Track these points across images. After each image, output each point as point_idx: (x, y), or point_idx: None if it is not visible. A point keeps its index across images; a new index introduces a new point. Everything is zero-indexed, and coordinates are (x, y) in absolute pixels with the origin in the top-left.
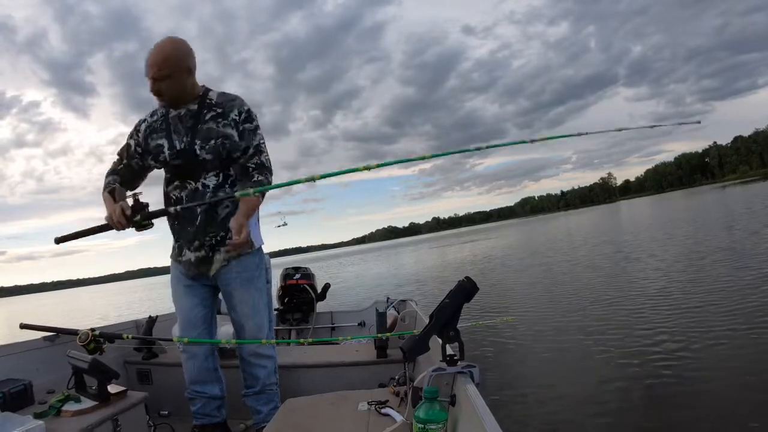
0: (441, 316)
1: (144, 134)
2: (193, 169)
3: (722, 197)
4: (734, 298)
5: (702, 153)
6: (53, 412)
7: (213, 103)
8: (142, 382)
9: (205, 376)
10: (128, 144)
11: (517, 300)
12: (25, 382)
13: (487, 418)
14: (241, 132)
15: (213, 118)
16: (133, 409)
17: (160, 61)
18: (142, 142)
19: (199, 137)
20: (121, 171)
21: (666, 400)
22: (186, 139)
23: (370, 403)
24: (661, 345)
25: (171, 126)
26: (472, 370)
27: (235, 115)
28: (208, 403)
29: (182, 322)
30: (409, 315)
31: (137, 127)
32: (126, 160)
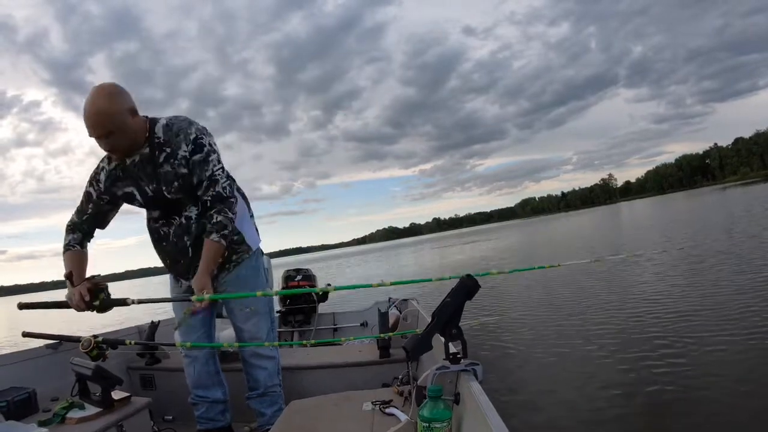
0: (443, 314)
1: (106, 184)
2: (172, 207)
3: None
4: (734, 303)
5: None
6: (58, 420)
7: (162, 142)
8: (145, 387)
9: (207, 380)
10: (88, 193)
11: (520, 299)
12: (29, 390)
13: (492, 415)
14: (192, 167)
15: (166, 159)
16: (138, 415)
17: (100, 121)
18: (105, 191)
19: (162, 182)
20: (85, 225)
21: (665, 399)
22: (152, 185)
23: (374, 403)
24: (661, 345)
25: (132, 174)
26: (476, 368)
27: (184, 151)
28: (211, 408)
29: (182, 328)
30: (411, 314)
31: (96, 176)
32: (91, 209)
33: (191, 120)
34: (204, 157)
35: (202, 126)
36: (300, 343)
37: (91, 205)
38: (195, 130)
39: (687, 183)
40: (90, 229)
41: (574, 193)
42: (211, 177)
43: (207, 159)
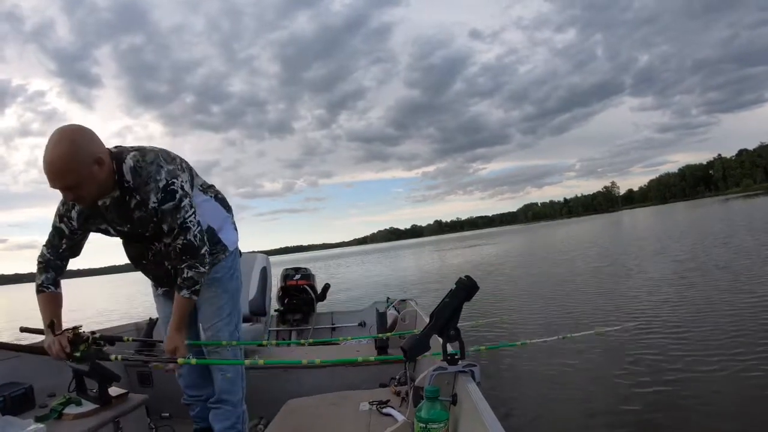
0: (441, 315)
1: (78, 221)
2: (150, 239)
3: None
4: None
5: (706, 165)
6: (54, 416)
7: (131, 188)
8: (143, 384)
9: (199, 380)
10: (59, 229)
11: (519, 300)
12: (26, 386)
13: (489, 416)
14: (162, 216)
15: (137, 206)
16: (134, 412)
17: (61, 173)
18: (78, 226)
19: (137, 224)
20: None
21: (661, 400)
22: (126, 226)
23: (371, 403)
24: (656, 351)
25: (104, 214)
26: (473, 369)
27: (153, 202)
28: (205, 406)
29: (165, 327)
30: (410, 315)
31: (67, 213)
32: (65, 244)
33: (160, 160)
34: (176, 205)
35: (172, 167)
36: (298, 342)
37: (65, 240)
38: (165, 176)
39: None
40: (65, 263)
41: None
42: (182, 225)
43: (179, 206)
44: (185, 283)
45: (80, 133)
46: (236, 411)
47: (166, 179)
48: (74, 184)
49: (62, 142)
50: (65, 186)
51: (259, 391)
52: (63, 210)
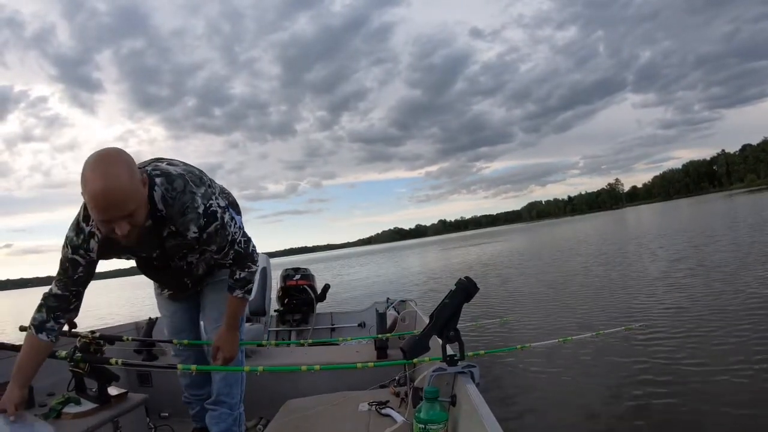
0: (441, 316)
1: (98, 252)
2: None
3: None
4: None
5: (710, 161)
6: (53, 415)
7: (164, 217)
8: (142, 384)
9: (200, 379)
10: (74, 260)
11: (519, 301)
12: None
13: (488, 417)
14: (204, 242)
15: (171, 235)
16: (134, 411)
17: (123, 200)
18: (97, 258)
19: (169, 251)
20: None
21: (660, 402)
22: (156, 252)
23: (370, 404)
24: (659, 352)
25: (131, 246)
26: (473, 370)
27: (194, 231)
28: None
29: (169, 328)
30: (409, 315)
31: (84, 244)
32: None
33: (191, 186)
34: (221, 224)
35: (203, 189)
36: (297, 343)
37: (81, 270)
38: (201, 201)
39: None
40: (78, 300)
41: (580, 197)
42: (231, 240)
43: (223, 224)
44: (238, 284)
45: (126, 154)
46: (233, 413)
47: (203, 204)
48: (134, 211)
49: (117, 165)
50: (124, 215)
51: (259, 392)
52: (79, 241)
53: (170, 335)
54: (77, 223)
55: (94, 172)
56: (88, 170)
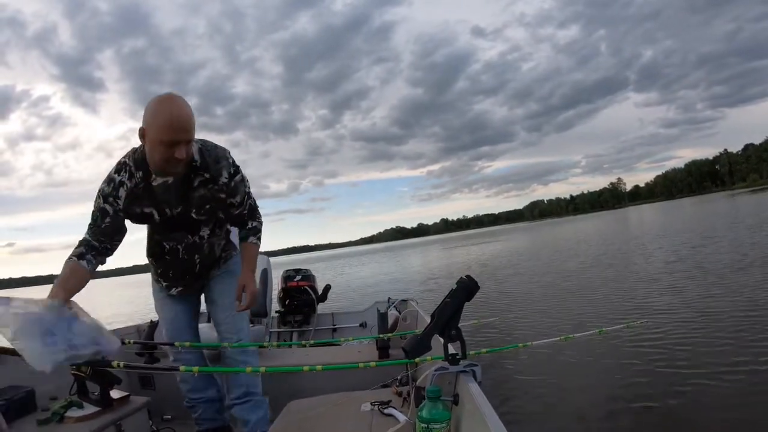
0: (442, 315)
1: (125, 202)
2: (187, 227)
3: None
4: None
5: (712, 160)
6: (56, 419)
7: (199, 167)
8: (144, 387)
9: (200, 383)
10: (104, 209)
11: (520, 299)
12: (28, 389)
13: (491, 416)
14: (231, 190)
15: (202, 183)
16: (136, 414)
17: (190, 126)
18: (123, 207)
19: (192, 205)
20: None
21: (663, 401)
22: (178, 208)
23: (372, 404)
24: (661, 350)
25: (157, 195)
26: (475, 369)
27: (225, 177)
28: (208, 407)
29: (169, 331)
30: (411, 315)
31: (114, 192)
32: (108, 224)
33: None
34: (242, 177)
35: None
36: (299, 344)
37: (108, 218)
38: (231, 156)
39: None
40: (106, 246)
41: (582, 196)
42: (248, 193)
43: (243, 180)
44: (251, 232)
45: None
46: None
47: (231, 159)
48: (191, 140)
49: (183, 101)
50: (188, 139)
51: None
52: (109, 189)
53: (170, 338)
54: (108, 176)
55: (168, 102)
56: (161, 102)
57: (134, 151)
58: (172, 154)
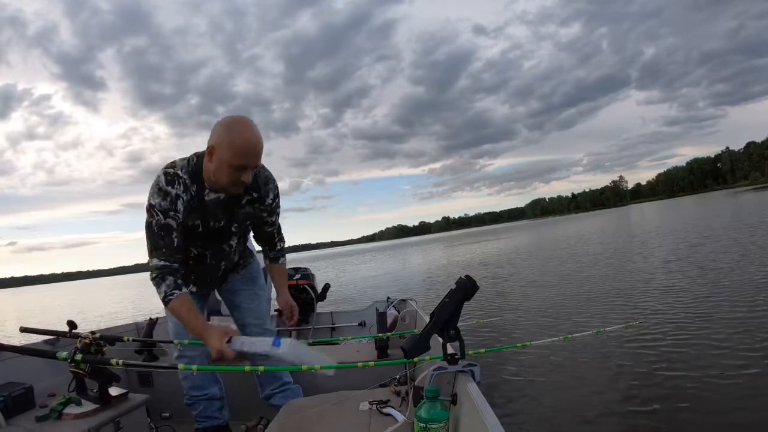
0: (441, 315)
1: (183, 214)
2: (223, 236)
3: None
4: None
5: (714, 158)
6: (54, 416)
7: (250, 186)
8: (143, 384)
9: (203, 380)
10: (168, 225)
11: (520, 299)
12: (26, 386)
13: (489, 416)
14: (272, 210)
15: (250, 202)
16: (135, 412)
17: (260, 152)
18: (181, 219)
19: (236, 220)
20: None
21: (663, 401)
22: (222, 222)
23: (371, 403)
24: (662, 350)
25: (207, 209)
26: (474, 369)
27: (270, 199)
28: (209, 405)
29: (179, 326)
30: (410, 314)
31: (172, 206)
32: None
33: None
34: (279, 202)
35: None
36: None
37: (174, 234)
38: (277, 182)
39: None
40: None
41: (584, 194)
42: (278, 215)
43: (279, 203)
44: (280, 253)
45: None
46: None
47: (276, 182)
48: (258, 165)
49: (256, 127)
50: (257, 165)
51: (259, 393)
52: (167, 204)
53: (178, 336)
54: (160, 189)
55: (245, 127)
56: (237, 126)
57: (187, 163)
58: (239, 177)
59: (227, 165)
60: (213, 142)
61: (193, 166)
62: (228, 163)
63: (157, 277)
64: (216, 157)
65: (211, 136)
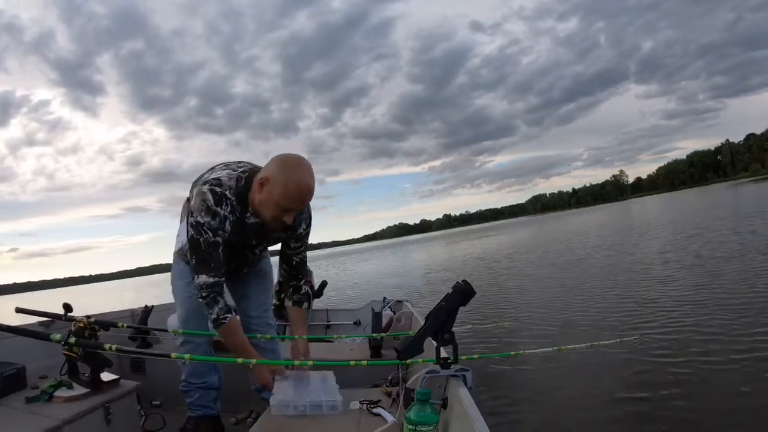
0: (437, 318)
1: (229, 233)
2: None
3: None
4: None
5: (714, 150)
6: (45, 398)
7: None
8: (135, 371)
9: (203, 367)
10: (216, 243)
11: (515, 306)
12: (18, 366)
13: (479, 422)
14: (298, 238)
15: (283, 228)
16: (125, 398)
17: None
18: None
19: (267, 241)
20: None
21: (661, 408)
22: (255, 241)
23: (362, 402)
24: (660, 353)
25: (246, 231)
26: (466, 374)
27: (302, 228)
28: (206, 394)
29: (193, 320)
30: (405, 316)
31: (221, 225)
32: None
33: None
34: (309, 231)
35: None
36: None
37: (221, 250)
38: (310, 210)
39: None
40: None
41: (584, 189)
42: (306, 244)
43: (309, 231)
44: (304, 297)
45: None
46: None
47: (310, 212)
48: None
49: (313, 172)
50: (303, 209)
51: (250, 385)
52: (216, 223)
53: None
54: (209, 209)
55: (304, 172)
56: (297, 169)
57: (235, 184)
58: (281, 216)
59: (275, 203)
60: (267, 174)
61: (241, 188)
62: (276, 202)
63: (209, 297)
64: (266, 190)
65: (266, 168)
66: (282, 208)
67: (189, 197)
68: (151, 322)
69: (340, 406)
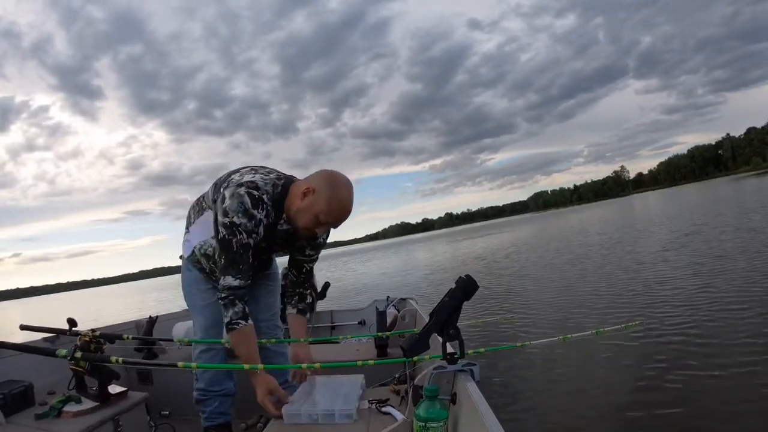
0: (441, 314)
1: (262, 236)
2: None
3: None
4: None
5: (715, 145)
6: (54, 413)
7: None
8: (142, 382)
9: (221, 374)
10: (248, 245)
11: (519, 298)
12: (26, 384)
13: (488, 416)
14: (317, 245)
15: (305, 237)
16: (134, 410)
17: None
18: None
19: (290, 247)
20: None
21: (665, 400)
22: (280, 247)
23: (370, 402)
24: (665, 346)
25: (276, 236)
26: (473, 368)
27: (322, 239)
28: (224, 401)
29: (207, 321)
30: (410, 313)
31: (256, 228)
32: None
33: None
34: (326, 240)
35: None
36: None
37: (251, 253)
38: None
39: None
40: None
41: (586, 185)
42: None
43: (326, 240)
44: (308, 307)
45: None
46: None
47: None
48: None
49: (353, 195)
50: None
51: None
52: (251, 226)
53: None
54: (246, 211)
55: (348, 193)
56: (343, 189)
57: (272, 189)
58: (315, 228)
59: (314, 215)
60: (314, 185)
61: (277, 194)
62: (316, 213)
63: (228, 298)
64: (309, 200)
65: (312, 178)
66: (319, 221)
67: (215, 198)
68: (156, 333)
69: (355, 415)
